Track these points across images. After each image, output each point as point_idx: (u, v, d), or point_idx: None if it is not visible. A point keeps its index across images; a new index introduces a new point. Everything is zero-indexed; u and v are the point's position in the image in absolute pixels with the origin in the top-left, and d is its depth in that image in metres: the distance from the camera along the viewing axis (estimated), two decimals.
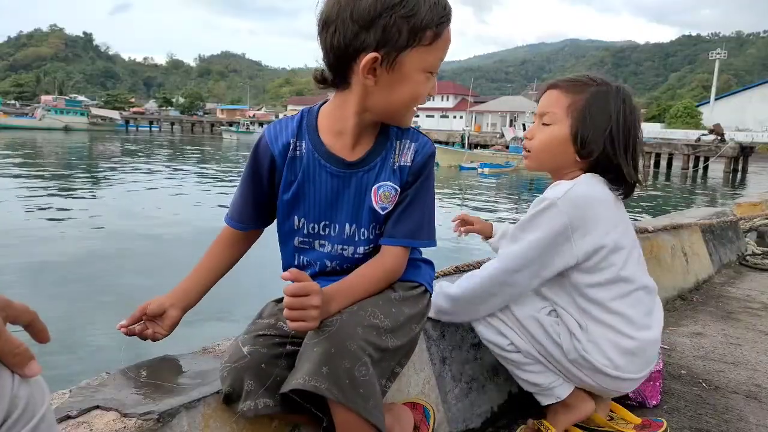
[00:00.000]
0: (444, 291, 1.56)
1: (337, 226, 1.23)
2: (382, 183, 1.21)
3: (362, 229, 1.23)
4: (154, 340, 1.23)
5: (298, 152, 1.22)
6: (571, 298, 1.45)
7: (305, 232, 1.25)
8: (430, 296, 1.33)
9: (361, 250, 1.24)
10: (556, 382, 1.50)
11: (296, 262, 1.28)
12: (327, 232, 1.24)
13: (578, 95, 1.43)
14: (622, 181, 1.45)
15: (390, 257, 1.21)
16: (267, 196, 1.27)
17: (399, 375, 1.22)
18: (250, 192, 1.28)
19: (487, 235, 1.93)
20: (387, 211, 1.22)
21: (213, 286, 1.32)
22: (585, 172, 1.46)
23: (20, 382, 0.57)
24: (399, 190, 1.22)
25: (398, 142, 1.23)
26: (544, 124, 1.48)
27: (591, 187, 1.42)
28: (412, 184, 1.22)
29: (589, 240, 1.38)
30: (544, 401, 1.54)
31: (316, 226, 1.24)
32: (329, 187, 1.22)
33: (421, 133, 1.26)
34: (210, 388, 1.14)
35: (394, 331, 1.13)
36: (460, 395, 1.61)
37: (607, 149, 1.41)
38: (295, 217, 1.25)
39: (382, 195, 1.21)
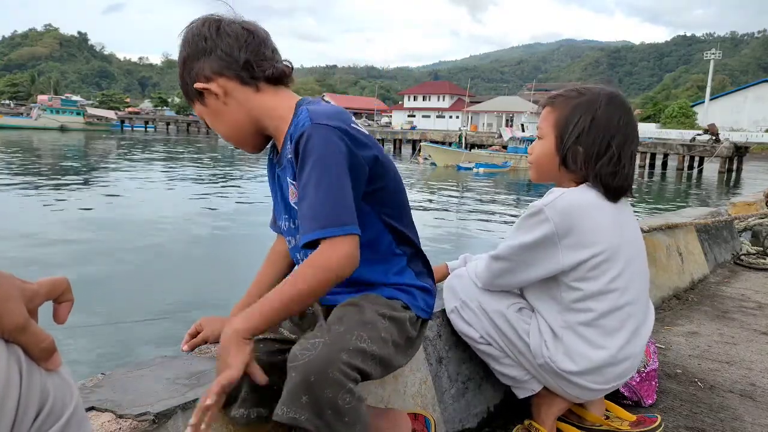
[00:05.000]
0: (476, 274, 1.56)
1: (284, 222, 1.30)
2: (287, 179, 1.22)
3: (295, 221, 1.23)
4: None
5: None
6: (556, 305, 1.44)
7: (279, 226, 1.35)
8: (422, 322, 1.26)
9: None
10: (528, 375, 1.52)
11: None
12: (281, 226, 1.32)
13: (563, 110, 1.46)
14: (606, 189, 1.42)
15: (316, 253, 1.07)
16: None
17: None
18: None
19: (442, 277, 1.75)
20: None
21: None
22: (578, 183, 1.44)
23: (47, 375, 0.57)
24: (296, 183, 1.14)
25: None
26: (539, 138, 1.52)
27: (582, 195, 1.41)
28: (297, 173, 1.11)
29: (579, 249, 1.37)
30: (521, 394, 1.56)
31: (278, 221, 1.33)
32: (274, 184, 1.31)
33: (310, 111, 1.11)
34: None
35: (381, 360, 1.08)
36: (457, 395, 1.61)
37: (580, 158, 1.41)
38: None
39: (291, 191, 1.22)
